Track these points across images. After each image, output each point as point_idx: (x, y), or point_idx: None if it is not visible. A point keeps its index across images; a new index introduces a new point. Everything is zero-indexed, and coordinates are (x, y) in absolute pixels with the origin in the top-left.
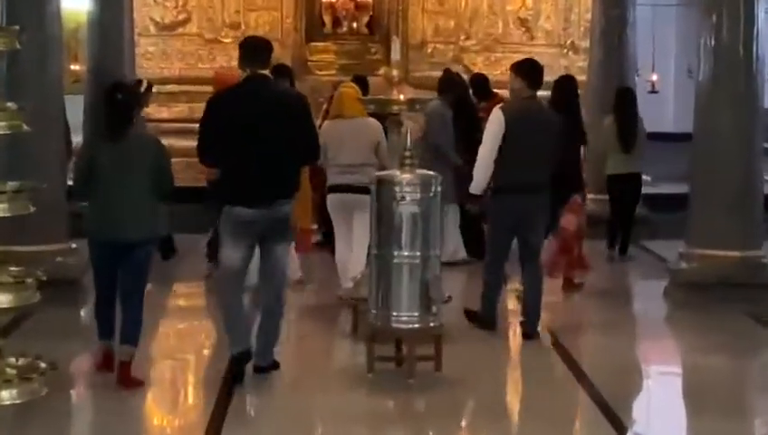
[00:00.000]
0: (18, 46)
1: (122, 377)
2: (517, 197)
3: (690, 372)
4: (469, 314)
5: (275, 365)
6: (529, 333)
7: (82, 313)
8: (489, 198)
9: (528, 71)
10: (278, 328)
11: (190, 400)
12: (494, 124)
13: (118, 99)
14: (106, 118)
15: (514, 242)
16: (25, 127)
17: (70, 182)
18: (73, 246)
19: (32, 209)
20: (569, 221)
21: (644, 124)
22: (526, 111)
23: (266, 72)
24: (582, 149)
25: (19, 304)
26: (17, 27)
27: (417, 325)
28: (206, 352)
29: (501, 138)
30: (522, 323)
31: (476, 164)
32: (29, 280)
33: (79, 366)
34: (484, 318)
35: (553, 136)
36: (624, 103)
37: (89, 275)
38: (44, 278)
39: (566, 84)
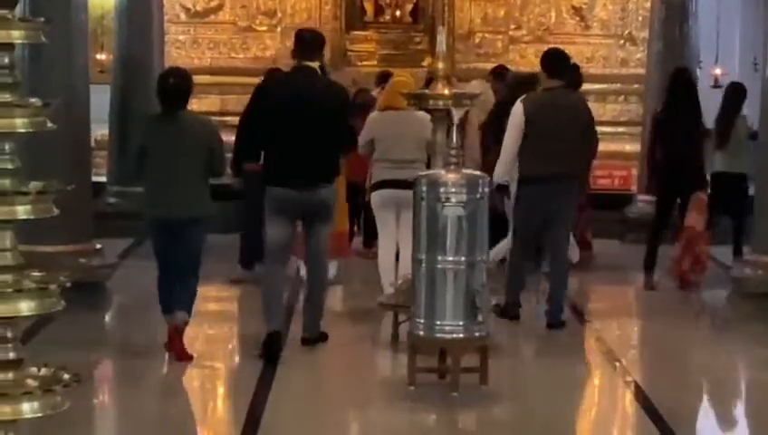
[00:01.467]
0: (44, 39)
1: (174, 344)
2: (540, 187)
3: (753, 389)
4: (497, 310)
5: (323, 337)
6: (552, 323)
7: (107, 317)
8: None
9: (548, 61)
10: (323, 302)
11: (219, 410)
12: (516, 116)
13: (170, 83)
14: (160, 102)
15: None
16: (50, 124)
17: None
18: (98, 246)
19: (56, 212)
20: (696, 220)
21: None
22: (548, 102)
23: (314, 64)
24: (705, 144)
25: (42, 311)
26: (42, 19)
27: (461, 335)
28: (236, 358)
29: (522, 129)
30: (546, 313)
31: (500, 156)
32: (52, 286)
33: (103, 375)
34: (507, 308)
35: (579, 125)
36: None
37: (113, 278)
38: (68, 284)
39: (681, 76)
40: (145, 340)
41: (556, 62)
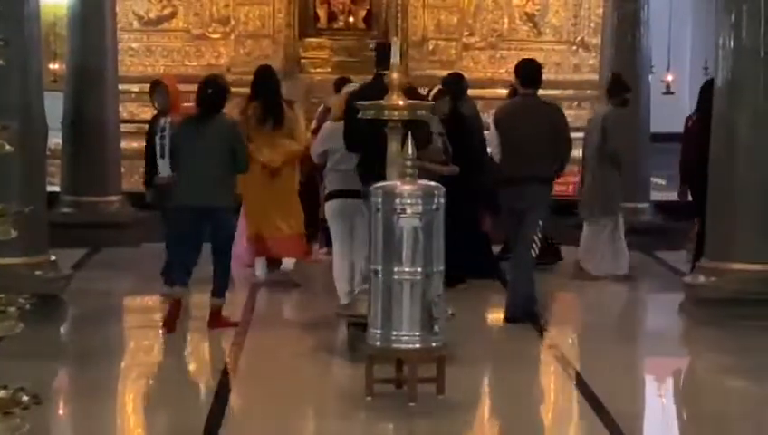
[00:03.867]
0: (2, 62)
1: (214, 321)
2: (511, 188)
3: (709, 394)
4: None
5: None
6: (509, 318)
7: (63, 330)
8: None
9: (520, 69)
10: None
11: (175, 424)
12: (492, 123)
13: (208, 93)
14: (196, 106)
15: None
16: (8, 147)
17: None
18: (53, 258)
19: (13, 234)
20: None
21: None
22: (517, 109)
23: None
24: None
25: (1, 334)
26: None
27: (418, 345)
28: (191, 371)
29: (497, 134)
30: (508, 307)
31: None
32: (11, 309)
33: (61, 390)
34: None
35: (547, 131)
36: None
37: (68, 290)
38: (27, 307)
39: (711, 87)
40: (102, 351)
41: (528, 71)
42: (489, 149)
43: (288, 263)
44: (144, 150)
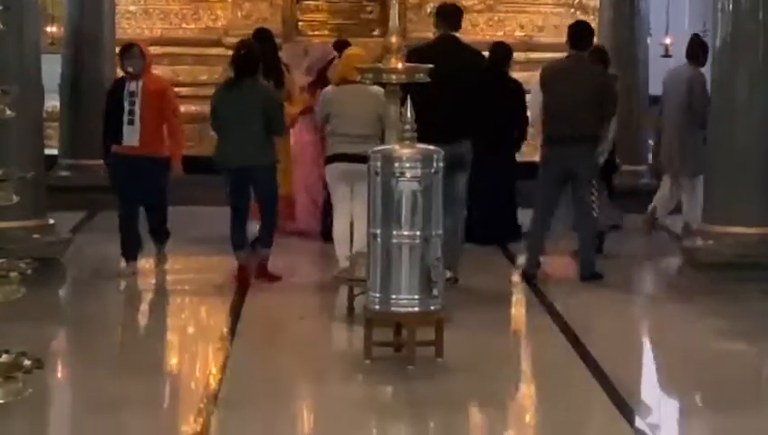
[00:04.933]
0: (0, 26)
1: (260, 272)
2: (556, 148)
3: (706, 357)
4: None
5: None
6: (584, 276)
7: (62, 293)
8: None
9: (570, 31)
10: (461, 245)
11: (177, 385)
12: (537, 84)
13: (241, 56)
14: (231, 70)
15: None
16: (9, 112)
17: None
18: (51, 222)
19: (15, 200)
20: None
21: None
22: (566, 69)
23: (456, 33)
24: None
25: (2, 299)
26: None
27: (417, 309)
28: (192, 334)
29: (541, 94)
30: (579, 267)
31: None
32: (12, 274)
33: (61, 353)
34: (526, 269)
35: (592, 91)
36: None
37: (67, 254)
38: (29, 272)
39: None
40: (102, 314)
41: (577, 32)
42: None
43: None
44: (104, 117)
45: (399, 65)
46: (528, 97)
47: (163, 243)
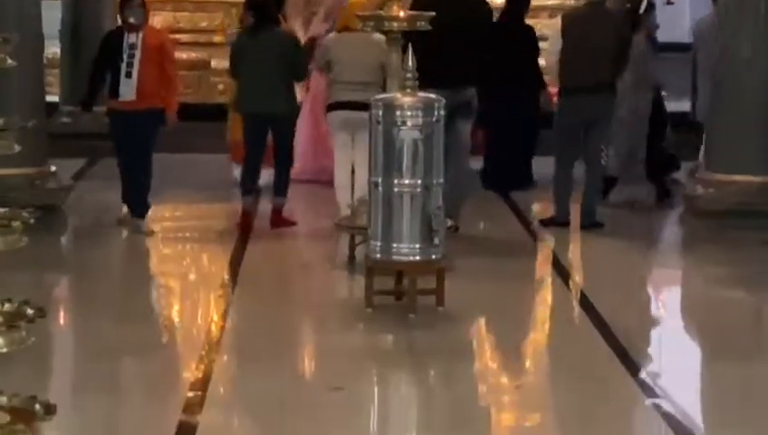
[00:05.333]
0: None
1: (276, 220)
2: (574, 97)
3: (707, 306)
4: (544, 221)
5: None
6: (584, 224)
7: (63, 241)
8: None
9: None
10: (462, 194)
11: (180, 332)
12: (556, 30)
13: (258, 3)
14: (252, 16)
15: None
16: (10, 61)
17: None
18: (53, 169)
19: (17, 149)
20: None
21: None
22: (587, 17)
23: None
24: None
25: (5, 248)
26: None
27: (418, 258)
28: (194, 281)
29: (561, 41)
30: (581, 215)
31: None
32: (15, 223)
33: (63, 300)
34: (556, 218)
35: (612, 41)
36: None
37: (68, 201)
38: (32, 221)
39: None
40: (103, 262)
41: None
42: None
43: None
44: (95, 65)
45: (401, 13)
46: (544, 45)
47: (143, 217)
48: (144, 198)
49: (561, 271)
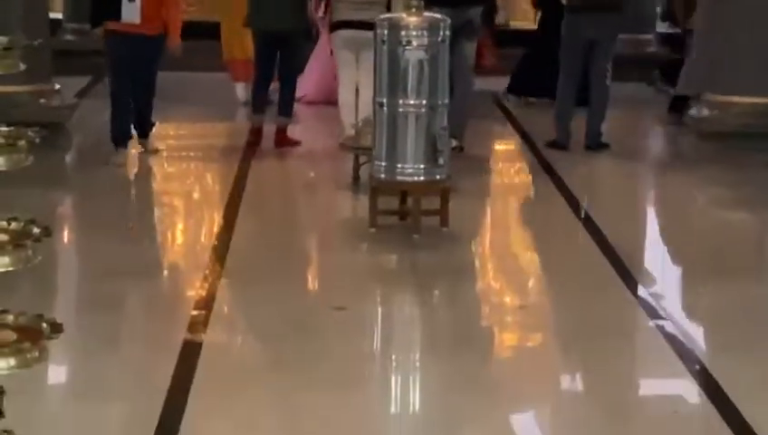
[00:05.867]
0: None
1: (280, 140)
2: (580, 15)
3: (709, 226)
4: (550, 143)
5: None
6: (589, 145)
7: (67, 159)
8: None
9: None
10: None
11: (185, 246)
12: None
13: None
14: None
15: None
16: None
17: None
18: (57, 87)
19: (22, 67)
20: None
21: None
22: None
23: None
24: None
25: (10, 167)
26: None
27: (422, 178)
28: (197, 199)
29: None
30: (585, 137)
31: None
32: (21, 142)
33: (68, 218)
34: (557, 140)
35: None
36: None
37: (73, 120)
38: (37, 141)
39: None
40: (107, 180)
41: None
42: None
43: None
44: None
45: None
46: None
47: (147, 136)
48: (149, 117)
49: (566, 192)
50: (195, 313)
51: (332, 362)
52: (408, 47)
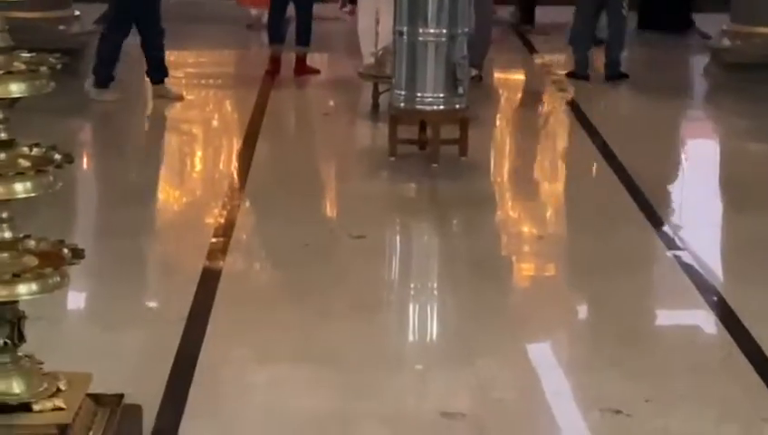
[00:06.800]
0: None
1: (299, 69)
2: None
3: (728, 158)
4: (568, 74)
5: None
6: (610, 75)
7: (86, 86)
8: None
9: None
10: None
11: (201, 175)
12: None
13: None
14: None
15: None
16: None
17: None
18: (76, 13)
19: None
20: None
21: None
22: None
23: None
24: None
25: (32, 93)
26: None
27: (442, 107)
28: (216, 127)
29: None
30: (605, 67)
31: None
32: (42, 68)
33: (87, 144)
34: (577, 72)
35: None
36: None
37: (90, 46)
38: (59, 67)
39: None
40: (126, 106)
41: None
42: None
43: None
44: None
45: None
46: None
47: (163, 81)
48: (163, 61)
49: (585, 122)
50: (214, 240)
51: (350, 289)
52: None
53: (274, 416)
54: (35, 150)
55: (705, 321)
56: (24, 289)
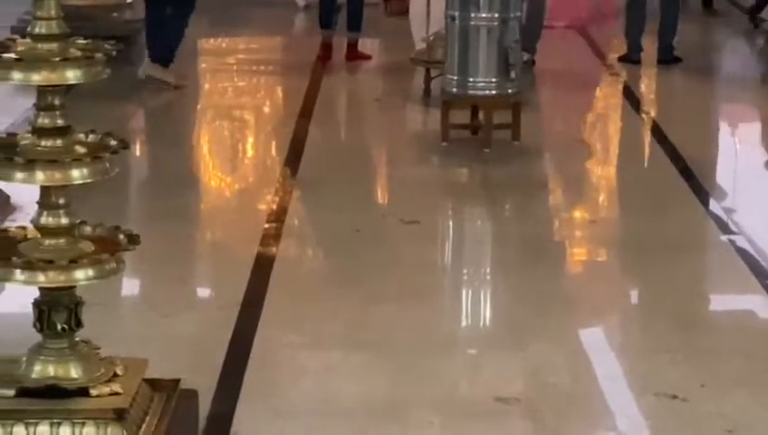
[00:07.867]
0: None
1: (350, 54)
2: None
3: None
4: (621, 58)
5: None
6: (662, 59)
7: (140, 73)
8: None
9: None
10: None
11: (254, 159)
12: None
13: None
14: None
15: None
16: None
17: None
18: (129, 0)
19: None
20: None
21: None
22: None
23: None
24: None
25: (88, 79)
26: None
27: (494, 92)
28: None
29: None
30: (657, 51)
31: None
32: (98, 55)
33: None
34: (628, 55)
35: None
36: None
37: (142, 33)
38: (114, 54)
39: None
40: (181, 93)
41: None
42: None
43: None
44: None
45: None
46: None
47: (168, 66)
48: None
49: (637, 106)
50: (267, 226)
51: (402, 274)
52: None
53: (327, 401)
54: (91, 137)
55: (761, 306)
56: (80, 275)
